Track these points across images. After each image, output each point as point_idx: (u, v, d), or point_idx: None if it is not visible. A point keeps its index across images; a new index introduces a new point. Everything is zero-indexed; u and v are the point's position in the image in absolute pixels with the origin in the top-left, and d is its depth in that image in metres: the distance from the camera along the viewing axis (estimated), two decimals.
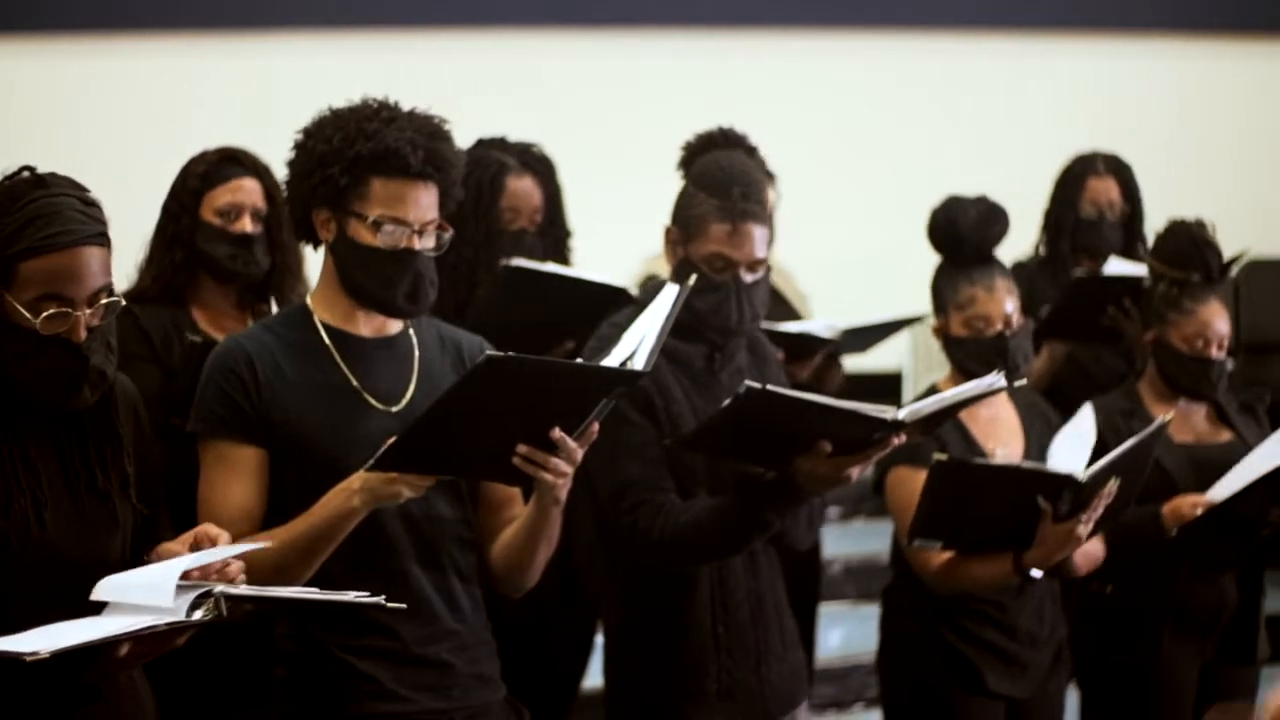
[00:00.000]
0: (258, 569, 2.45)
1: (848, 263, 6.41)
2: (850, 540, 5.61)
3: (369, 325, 2.75)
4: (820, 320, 4.42)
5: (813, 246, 5.45)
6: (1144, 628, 3.76)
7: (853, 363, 5.05)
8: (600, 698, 3.25)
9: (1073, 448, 3.49)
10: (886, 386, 6.21)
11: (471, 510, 2.80)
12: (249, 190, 3.44)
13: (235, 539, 2.52)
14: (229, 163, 3.46)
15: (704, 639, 3.07)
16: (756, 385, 2.72)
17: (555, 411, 2.52)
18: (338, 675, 2.68)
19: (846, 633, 5.35)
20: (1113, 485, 3.23)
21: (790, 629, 3.21)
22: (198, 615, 2.24)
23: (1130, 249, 4.73)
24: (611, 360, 2.59)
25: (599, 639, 3.91)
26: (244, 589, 2.32)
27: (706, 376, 3.08)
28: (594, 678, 4.01)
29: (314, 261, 2.89)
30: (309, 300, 2.78)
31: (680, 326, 3.05)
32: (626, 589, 3.12)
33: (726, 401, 2.79)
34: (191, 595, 2.25)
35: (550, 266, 3.72)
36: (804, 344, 4.25)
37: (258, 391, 2.66)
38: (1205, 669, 3.83)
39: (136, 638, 2.24)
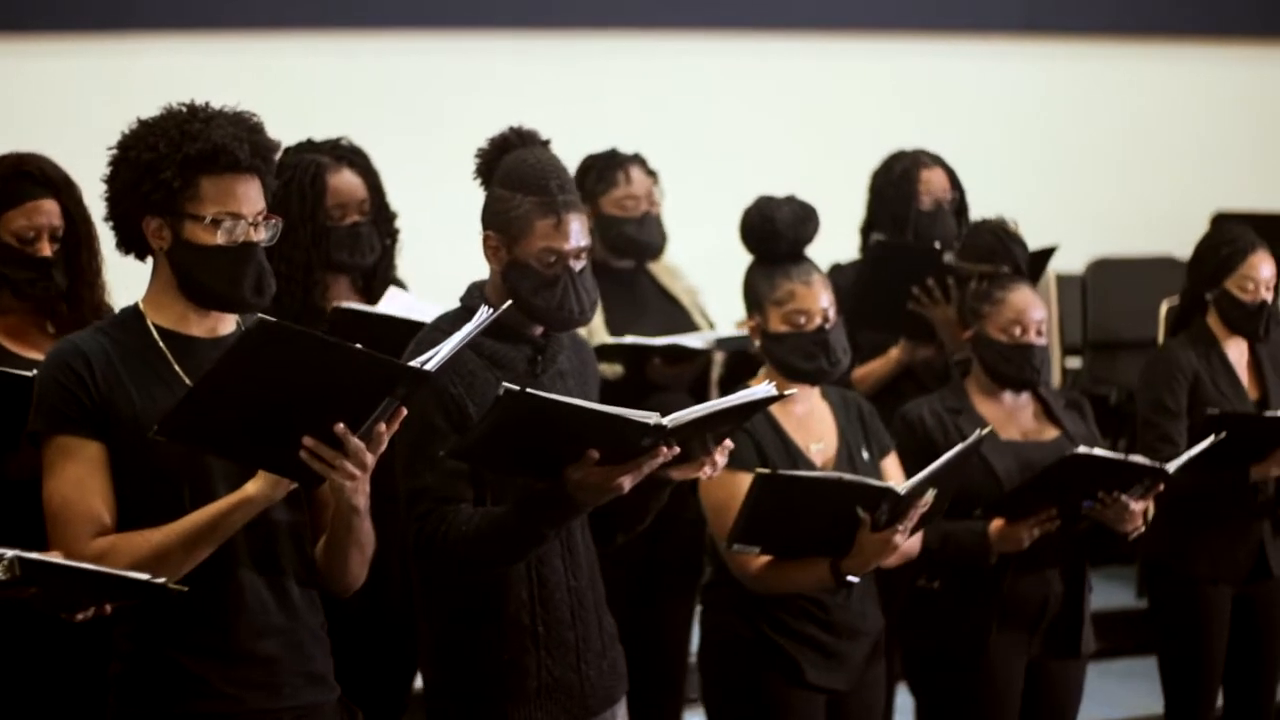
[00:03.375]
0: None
1: (728, 258, 6.39)
2: None
3: (201, 326, 2.76)
4: (696, 334, 4.42)
5: (694, 244, 5.43)
6: (972, 623, 3.80)
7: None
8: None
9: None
10: None
11: (307, 509, 2.80)
12: (47, 212, 3.23)
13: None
14: (24, 179, 3.24)
15: (523, 637, 3.05)
16: (514, 388, 2.68)
17: (336, 402, 2.52)
18: (167, 674, 2.69)
19: None
20: (930, 495, 3.29)
21: (609, 626, 3.20)
22: None
23: None
24: (412, 362, 2.58)
25: None
26: (36, 555, 2.36)
27: (528, 380, 3.05)
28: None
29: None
30: (140, 304, 2.78)
31: (504, 328, 3.04)
32: (438, 592, 3.11)
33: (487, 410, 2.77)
34: None
35: (376, 308, 3.70)
36: (680, 351, 4.25)
37: (96, 388, 2.66)
38: (1032, 663, 3.88)
39: None
